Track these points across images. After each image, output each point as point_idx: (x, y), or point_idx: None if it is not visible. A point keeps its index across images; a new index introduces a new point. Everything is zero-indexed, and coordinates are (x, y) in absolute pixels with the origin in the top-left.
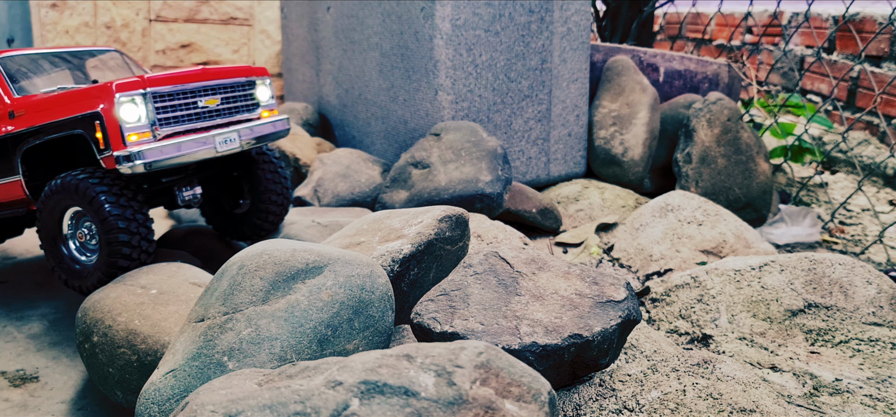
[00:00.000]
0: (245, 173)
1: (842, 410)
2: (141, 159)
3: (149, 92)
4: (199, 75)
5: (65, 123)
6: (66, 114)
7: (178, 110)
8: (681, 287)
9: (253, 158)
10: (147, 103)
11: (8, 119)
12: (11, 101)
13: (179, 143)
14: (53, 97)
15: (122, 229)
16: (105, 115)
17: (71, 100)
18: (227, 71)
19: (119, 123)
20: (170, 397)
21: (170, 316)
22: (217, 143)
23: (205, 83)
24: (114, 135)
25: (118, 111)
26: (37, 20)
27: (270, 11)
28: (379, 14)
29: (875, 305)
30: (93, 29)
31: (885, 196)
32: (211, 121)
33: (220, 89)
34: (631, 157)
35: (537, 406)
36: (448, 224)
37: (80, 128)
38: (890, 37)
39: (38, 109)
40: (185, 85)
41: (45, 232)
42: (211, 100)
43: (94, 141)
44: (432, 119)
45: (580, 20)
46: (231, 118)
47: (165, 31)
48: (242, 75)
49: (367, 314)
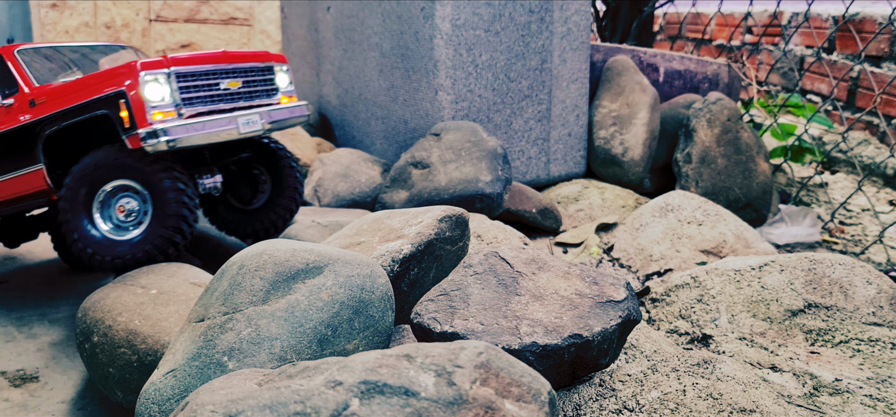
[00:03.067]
0: (265, 168)
1: (842, 410)
2: (166, 136)
3: (173, 71)
4: (222, 57)
5: (88, 105)
6: (89, 96)
7: (201, 91)
8: (681, 287)
9: (274, 153)
10: (171, 83)
11: (28, 108)
12: (32, 90)
13: (203, 123)
14: (75, 81)
15: (185, 204)
16: (130, 94)
17: (93, 82)
18: (249, 55)
19: (144, 102)
20: (170, 397)
21: (170, 316)
22: (240, 124)
23: (227, 65)
24: (139, 114)
25: (143, 90)
26: (37, 20)
27: (270, 11)
28: (379, 14)
29: (875, 305)
30: (93, 29)
31: (885, 196)
32: (232, 103)
33: (241, 72)
34: (631, 157)
35: (537, 406)
36: (448, 224)
37: (104, 108)
38: (890, 37)
39: (59, 95)
40: (208, 66)
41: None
42: (233, 83)
43: (119, 120)
44: (432, 119)
45: (580, 20)
46: (251, 102)
47: (165, 30)
48: (263, 60)
49: (367, 314)
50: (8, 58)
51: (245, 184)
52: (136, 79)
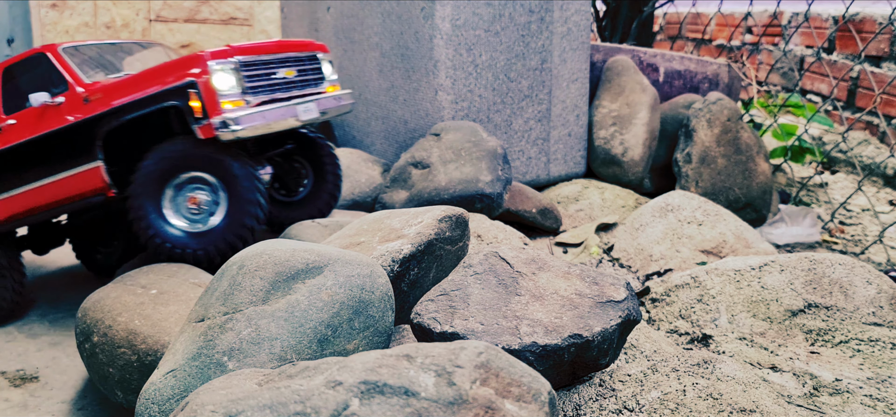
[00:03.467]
0: (308, 159)
1: (842, 410)
2: (238, 125)
3: (238, 60)
4: (278, 46)
5: (154, 97)
6: (153, 88)
7: (262, 80)
8: (681, 287)
9: (313, 143)
10: (237, 71)
11: (82, 105)
12: (84, 87)
13: (268, 111)
14: (133, 76)
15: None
16: (201, 84)
17: (157, 74)
18: (300, 44)
19: (215, 91)
20: (170, 397)
21: (170, 316)
22: (299, 112)
23: (284, 54)
24: (210, 103)
25: (213, 79)
26: (37, 20)
27: (270, 11)
28: (379, 14)
29: (875, 305)
30: (93, 29)
31: (885, 196)
32: (288, 92)
33: (295, 61)
34: (631, 157)
35: (537, 406)
36: (448, 224)
37: (173, 99)
38: (890, 37)
39: (116, 90)
40: (268, 55)
41: (143, 204)
42: (288, 72)
43: (190, 110)
44: (432, 119)
45: (580, 20)
46: (304, 90)
47: (165, 31)
48: (311, 49)
49: (367, 314)
50: (55, 56)
51: (288, 175)
52: (205, 68)
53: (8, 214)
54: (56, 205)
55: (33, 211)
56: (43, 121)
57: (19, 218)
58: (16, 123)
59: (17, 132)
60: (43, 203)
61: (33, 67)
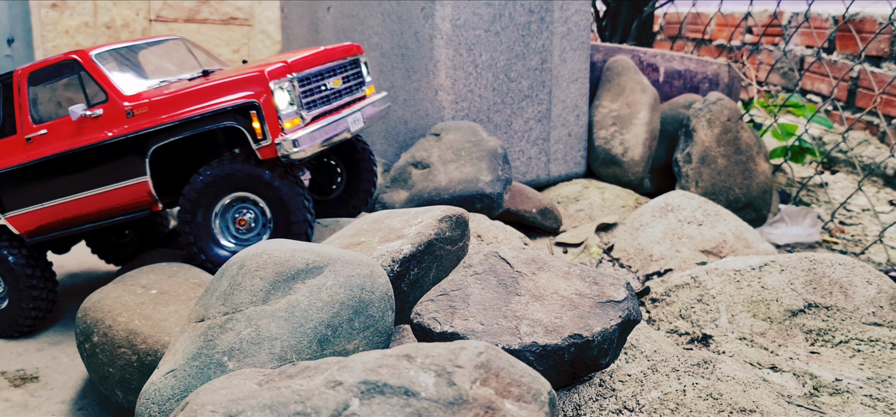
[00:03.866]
0: (342, 157)
1: (842, 410)
2: (300, 146)
3: (295, 76)
4: (325, 56)
5: (210, 116)
6: (209, 106)
7: (314, 94)
8: (681, 287)
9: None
10: (294, 88)
11: (126, 118)
12: (126, 99)
13: (322, 127)
14: (185, 92)
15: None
16: (263, 105)
17: (213, 91)
18: (342, 50)
19: (276, 111)
20: (170, 397)
21: (170, 316)
22: (350, 124)
23: (331, 63)
24: (272, 124)
25: (275, 99)
26: (37, 20)
27: (270, 11)
28: (379, 14)
29: (875, 305)
30: (93, 29)
31: (885, 196)
32: (337, 101)
33: (341, 69)
34: (631, 157)
35: (537, 406)
36: (448, 224)
37: (231, 119)
38: (890, 37)
39: (167, 105)
40: (318, 67)
41: (192, 223)
42: (336, 81)
43: (251, 131)
44: (432, 119)
45: (580, 20)
46: (349, 98)
47: (165, 30)
48: (352, 53)
49: (367, 314)
50: (88, 64)
51: (322, 174)
52: (266, 87)
53: (39, 224)
54: (96, 219)
55: (69, 223)
56: (81, 133)
57: (53, 230)
58: (47, 133)
59: (51, 143)
60: (81, 215)
61: (62, 73)
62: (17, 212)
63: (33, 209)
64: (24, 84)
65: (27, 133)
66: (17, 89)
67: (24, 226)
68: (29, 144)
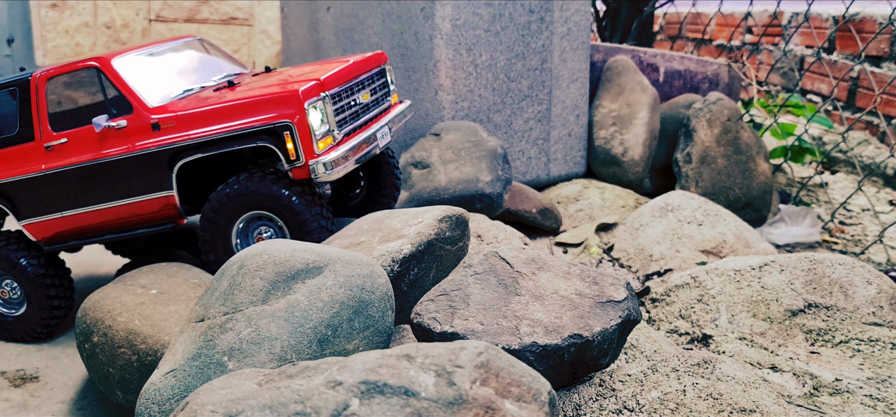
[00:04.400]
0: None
1: (842, 410)
2: (334, 168)
3: (327, 95)
4: (356, 68)
5: (242, 136)
6: (240, 124)
7: (345, 111)
8: (681, 287)
9: None
10: (327, 106)
11: (151, 132)
12: (152, 112)
13: (353, 146)
14: (216, 108)
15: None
16: (297, 126)
17: (243, 109)
18: (369, 61)
19: (311, 132)
20: (170, 397)
21: (170, 316)
22: (379, 139)
23: (362, 76)
24: (306, 145)
25: (309, 119)
26: (37, 20)
27: (270, 11)
28: (379, 14)
29: (875, 305)
30: (93, 29)
31: (885, 196)
32: (366, 116)
33: (368, 81)
34: (631, 157)
35: (537, 406)
36: (448, 224)
37: (264, 139)
38: (890, 37)
39: (195, 121)
40: (350, 81)
41: (215, 245)
42: (365, 95)
43: (284, 152)
44: (432, 119)
45: (580, 20)
46: (377, 111)
47: (165, 30)
48: (379, 63)
49: (367, 314)
50: (111, 73)
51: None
52: (300, 108)
53: (56, 232)
54: (117, 230)
55: (88, 233)
56: (104, 144)
57: (71, 238)
58: (68, 143)
59: (72, 153)
60: (101, 226)
61: (82, 80)
62: (35, 220)
63: (51, 217)
64: (43, 89)
65: (46, 141)
66: (36, 94)
67: (41, 234)
68: (48, 153)
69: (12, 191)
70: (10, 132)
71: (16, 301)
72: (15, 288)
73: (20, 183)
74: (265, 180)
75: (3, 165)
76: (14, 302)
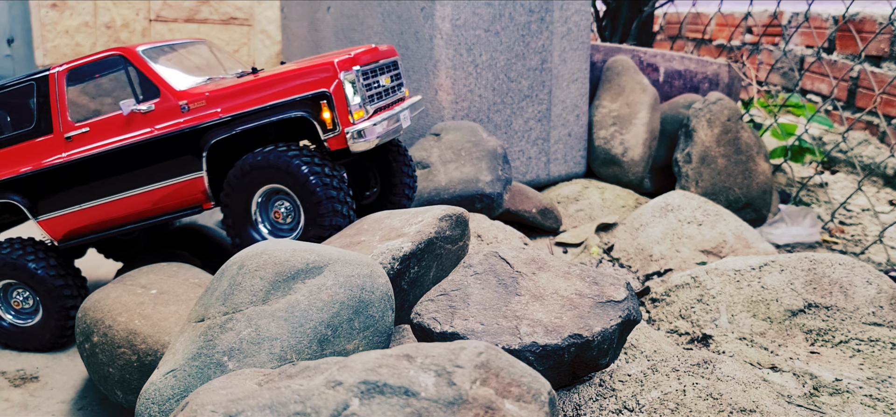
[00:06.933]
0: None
1: (842, 410)
2: (366, 137)
3: (359, 69)
4: (379, 53)
5: (278, 107)
6: (275, 97)
7: (372, 88)
8: (681, 287)
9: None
10: (358, 81)
11: (180, 113)
12: (180, 95)
13: (382, 120)
14: (251, 83)
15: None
16: (335, 94)
17: (279, 81)
18: (389, 50)
19: (347, 101)
20: (170, 397)
21: (170, 316)
22: (402, 120)
23: (383, 62)
24: (343, 114)
25: (346, 89)
26: (37, 20)
27: (270, 11)
28: (379, 14)
29: (875, 305)
30: (93, 29)
31: (885, 196)
32: (387, 99)
33: (387, 68)
34: (631, 157)
35: (537, 406)
36: (448, 223)
37: (300, 109)
38: (890, 37)
39: (228, 98)
40: (375, 63)
41: (234, 214)
42: (386, 79)
43: (321, 122)
44: (432, 119)
45: (580, 20)
46: (395, 96)
47: (165, 30)
48: (395, 55)
49: (367, 314)
50: (137, 61)
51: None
52: (337, 78)
53: (76, 227)
54: (140, 218)
55: (110, 225)
56: (129, 129)
57: (90, 232)
58: (90, 131)
59: (96, 140)
60: (125, 216)
61: (105, 70)
62: (53, 215)
63: (72, 211)
64: (63, 82)
65: (67, 131)
66: (55, 87)
67: (59, 230)
68: (69, 143)
69: (29, 186)
70: (27, 127)
71: (29, 310)
72: (28, 298)
73: (38, 175)
74: (285, 154)
75: (18, 160)
76: (27, 311)
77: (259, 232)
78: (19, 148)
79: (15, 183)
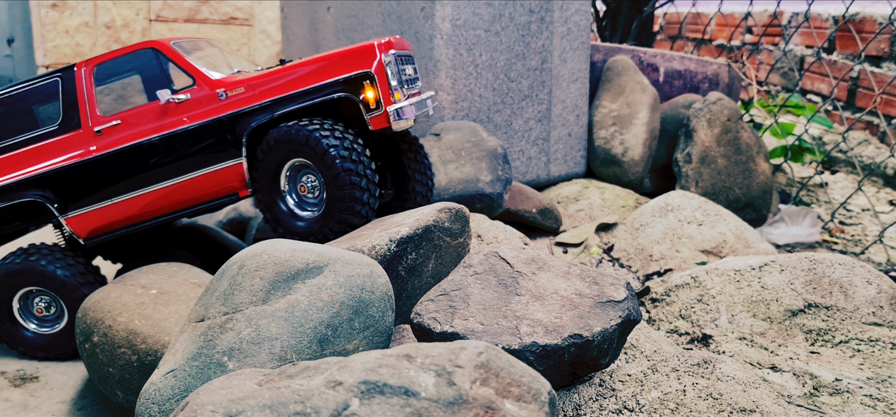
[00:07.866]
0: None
1: (842, 410)
2: (405, 116)
3: (394, 54)
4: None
5: (321, 88)
6: (316, 79)
7: (403, 74)
8: (681, 287)
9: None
10: (393, 64)
11: (217, 100)
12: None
13: (414, 104)
14: (288, 67)
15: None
16: (378, 74)
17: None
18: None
19: (389, 81)
20: (170, 397)
21: (170, 316)
22: (429, 107)
23: (406, 52)
24: (385, 94)
25: (387, 69)
26: (37, 20)
27: (270, 11)
28: (379, 14)
29: (875, 305)
30: (93, 29)
31: (885, 196)
32: (412, 87)
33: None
34: (631, 157)
35: (537, 406)
36: (447, 215)
37: (343, 90)
38: (890, 37)
39: (268, 82)
40: (403, 51)
41: (263, 188)
42: (411, 69)
43: (364, 103)
44: (432, 119)
45: (580, 20)
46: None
47: (165, 30)
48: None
49: (367, 314)
50: (170, 53)
51: None
52: (379, 59)
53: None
54: (174, 210)
55: (141, 218)
56: (165, 117)
57: (119, 227)
58: (120, 124)
59: (125, 133)
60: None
61: (134, 64)
62: (82, 211)
63: (103, 205)
64: (90, 77)
65: (96, 125)
66: (82, 82)
67: (87, 227)
68: (99, 136)
69: (56, 182)
70: (52, 124)
71: (52, 317)
72: (50, 304)
73: (67, 170)
74: (306, 127)
75: (42, 157)
76: (50, 318)
77: (286, 204)
78: (43, 146)
79: (41, 179)
